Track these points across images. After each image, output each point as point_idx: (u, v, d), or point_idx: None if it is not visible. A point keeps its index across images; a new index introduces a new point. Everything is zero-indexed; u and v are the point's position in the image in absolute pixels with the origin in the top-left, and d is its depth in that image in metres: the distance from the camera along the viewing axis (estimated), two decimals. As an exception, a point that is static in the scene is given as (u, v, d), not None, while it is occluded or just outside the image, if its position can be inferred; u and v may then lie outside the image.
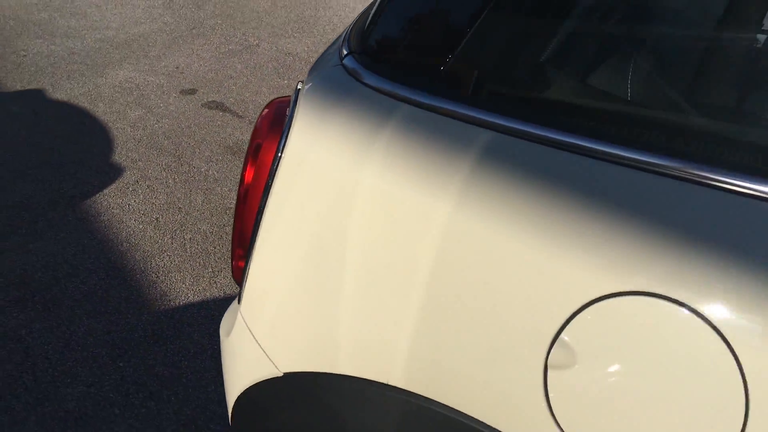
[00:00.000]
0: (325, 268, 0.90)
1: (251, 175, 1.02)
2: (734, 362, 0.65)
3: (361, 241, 0.86)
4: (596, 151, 0.74)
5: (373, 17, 0.98)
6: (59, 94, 3.64)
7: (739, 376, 0.64)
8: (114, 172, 2.98)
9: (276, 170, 0.96)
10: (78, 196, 2.81)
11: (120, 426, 1.84)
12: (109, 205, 2.77)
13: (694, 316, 0.66)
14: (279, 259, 0.96)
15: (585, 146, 0.74)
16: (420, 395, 0.84)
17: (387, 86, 0.88)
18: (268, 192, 0.97)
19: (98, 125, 3.36)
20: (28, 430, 1.83)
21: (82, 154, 3.10)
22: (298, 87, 1.01)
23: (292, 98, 1.02)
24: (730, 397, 0.65)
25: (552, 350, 0.73)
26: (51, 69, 3.92)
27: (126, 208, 2.76)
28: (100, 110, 3.49)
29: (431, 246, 0.80)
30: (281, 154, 0.96)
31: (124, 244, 2.56)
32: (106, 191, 2.85)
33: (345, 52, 0.97)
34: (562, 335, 0.73)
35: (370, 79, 0.89)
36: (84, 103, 3.56)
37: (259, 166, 1.00)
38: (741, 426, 0.65)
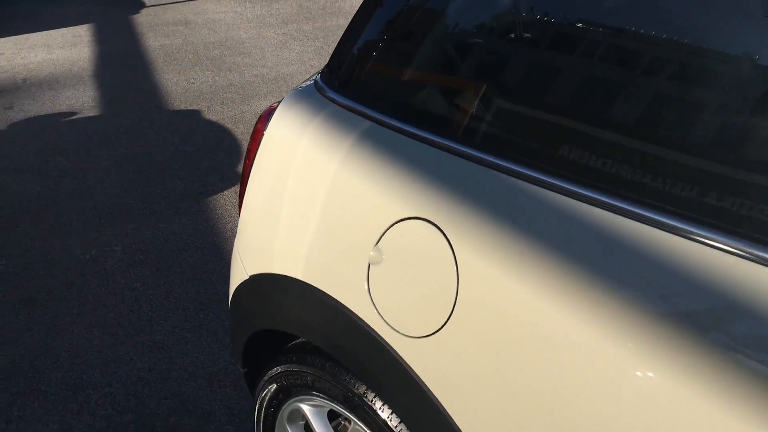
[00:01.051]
0: (270, 208, 1.37)
1: (249, 156, 1.51)
2: (453, 258, 1.03)
3: (291, 191, 1.32)
4: (409, 133, 1.15)
5: (337, 44, 1.45)
6: (211, 115, 4.41)
7: (455, 267, 1.02)
8: (235, 179, 3.63)
9: (257, 150, 1.45)
10: (203, 193, 3.47)
11: (189, 355, 2.38)
12: (225, 203, 3.40)
13: (438, 231, 1.05)
14: (252, 203, 1.44)
15: (407, 130, 1.16)
16: (308, 283, 1.27)
17: (330, 94, 1.34)
18: (252, 163, 1.46)
19: (234, 142, 4.06)
20: (124, 350, 2.42)
21: (216, 163, 3.79)
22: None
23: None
24: (448, 280, 1.03)
25: (372, 252, 1.14)
26: (210, 95, 4.74)
27: (236, 206, 3.37)
28: (239, 131, 4.20)
29: (322, 193, 1.24)
30: (262, 139, 1.44)
31: (228, 232, 3.16)
32: (225, 192, 3.49)
33: (320, 70, 1.45)
34: (379, 243, 1.14)
35: (324, 89, 1.36)
36: (228, 124, 4.30)
37: (250, 150, 1.49)
38: (453, 299, 1.03)
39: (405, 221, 1.11)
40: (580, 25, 1.04)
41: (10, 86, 5.14)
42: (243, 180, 1.53)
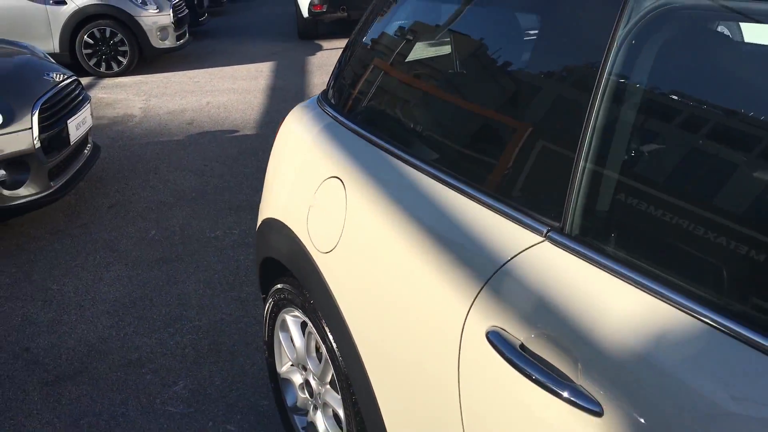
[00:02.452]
0: (274, 175, 2.01)
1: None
2: (345, 199, 1.60)
3: (283, 163, 1.95)
4: (342, 122, 1.74)
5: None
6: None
7: (345, 205, 1.59)
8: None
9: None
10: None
11: (260, 309, 3.06)
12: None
13: (341, 183, 1.63)
14: (268, 173, 2.09)
15: (342, 121, 1.75)
16: (281, 221, 1.89)
17: (326, 108, 1.97)
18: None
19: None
20: (217, 301, 3.15)
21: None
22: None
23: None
24: (340, 213, 1.60)
25: (312, 199, 1.74)
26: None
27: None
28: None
29: (297, 163, 1.87)
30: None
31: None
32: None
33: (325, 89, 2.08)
34: (315, 193, 1.73)
35: (324, 105, 1.99)
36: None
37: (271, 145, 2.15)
38: (341, 227, 1.59)
39: (328, 179, 1.70)
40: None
41: (195, 107, 6.30)
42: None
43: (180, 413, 2.40)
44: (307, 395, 2.04)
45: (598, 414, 0.93)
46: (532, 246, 1.13)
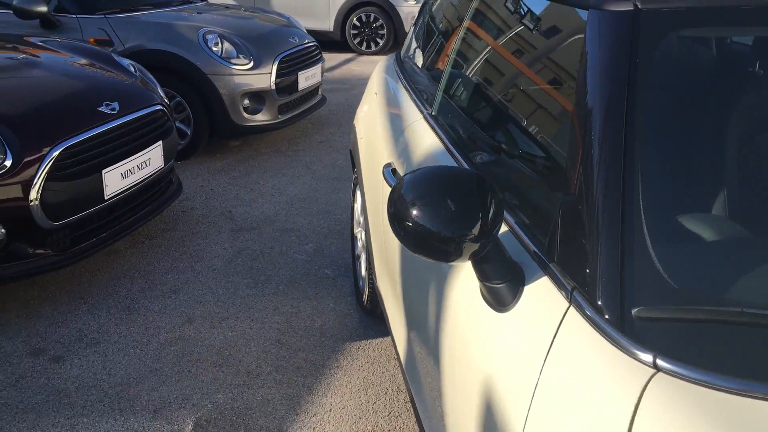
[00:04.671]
0: (362, 114, 3.06)
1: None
2: (377, 102, 2.60)
3: (370, 103, 3.00)
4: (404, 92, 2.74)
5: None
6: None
7: (377, 106, 2.60)
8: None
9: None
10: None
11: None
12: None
13: (376, 95, 2.63)
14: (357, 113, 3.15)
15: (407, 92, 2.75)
16: (354, 124, 2.94)
17: (395, 57, 2.97)
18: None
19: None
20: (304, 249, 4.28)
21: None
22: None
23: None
24: (373, 111, 2.61)
25: (365, 107, 2.77)
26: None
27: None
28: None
29: (367, 90, 2.90)
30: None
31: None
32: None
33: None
34: (366, 104, 2.76)
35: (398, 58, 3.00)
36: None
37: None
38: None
39: (373, 94, 2.71)
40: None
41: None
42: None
43: (302, 259, 3.56)
44: (360, 246, 3.07)
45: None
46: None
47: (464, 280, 1.40)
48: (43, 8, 4.88)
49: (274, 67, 5.01)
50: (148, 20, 5.12)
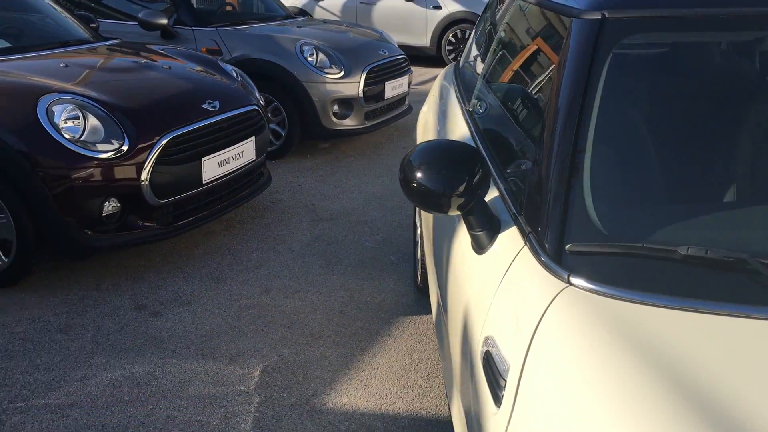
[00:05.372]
0: (423, 117, 3.42)
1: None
2: (434, 102, 2.97)
3: (431, 108, 3.36)
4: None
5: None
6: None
7: (431, 109, 2.96)
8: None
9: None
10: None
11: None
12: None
13: (434, 96, 2.99)
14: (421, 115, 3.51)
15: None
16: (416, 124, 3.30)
17: (453, 66, 3.33)
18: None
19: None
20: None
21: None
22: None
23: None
24: (430, 115, 2.98)
25: (425, 110, 3.14)
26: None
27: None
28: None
29: (436, 108, 3.27)
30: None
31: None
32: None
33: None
34: (426, 106, 3.12)
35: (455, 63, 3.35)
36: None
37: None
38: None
39: (431, 94, 3.07)
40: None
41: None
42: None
43: (371, 247, 3.95)
44: (418, 233, 3.42)
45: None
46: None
47: (466, 243, 1.74)
48: (164, 21, 5.54)
49: (363, 77, 5.46)
50: (253, 33, 5.70)
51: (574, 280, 1.25)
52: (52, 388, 2.65)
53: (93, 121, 3.30)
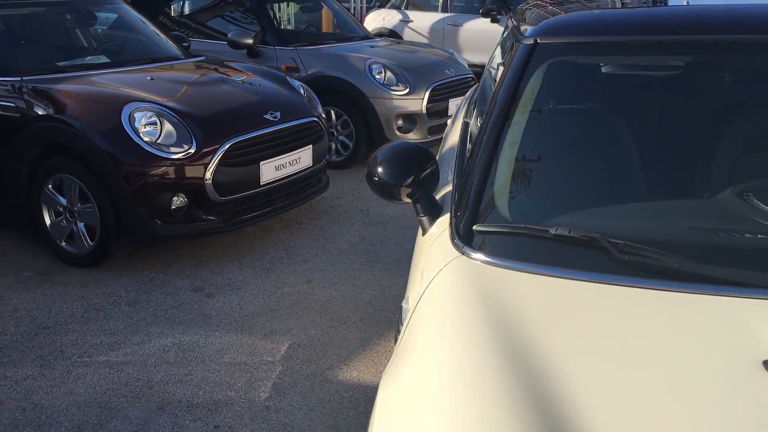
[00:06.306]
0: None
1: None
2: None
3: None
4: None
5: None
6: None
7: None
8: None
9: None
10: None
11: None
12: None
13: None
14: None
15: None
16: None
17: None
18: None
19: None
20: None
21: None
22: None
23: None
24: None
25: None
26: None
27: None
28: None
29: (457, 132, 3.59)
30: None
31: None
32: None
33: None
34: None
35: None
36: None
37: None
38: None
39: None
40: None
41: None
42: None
43: (411, 248, 4.28)
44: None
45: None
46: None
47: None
48: (250, 41, 6.12)
49: (427, 94, 5.82)
50: (328, 52, 6.19)
51: (466, 251, 1.56)
52: (114, 348, 3.14)
53: (168, 126, 3.83)
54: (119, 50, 5.00)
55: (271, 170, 4.14)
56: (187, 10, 7.29)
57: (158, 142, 3.79)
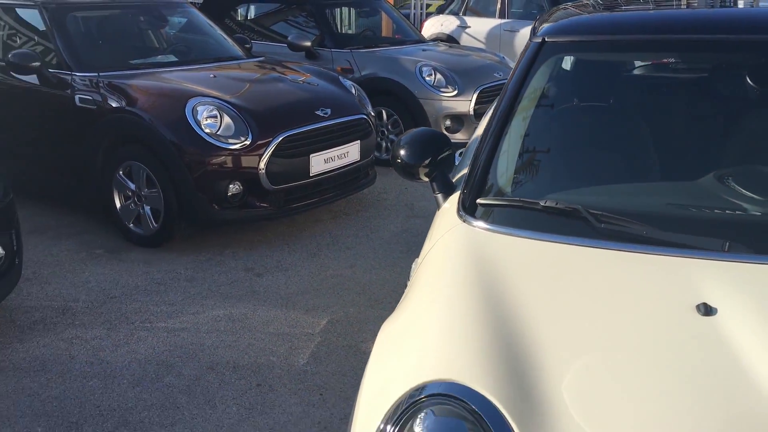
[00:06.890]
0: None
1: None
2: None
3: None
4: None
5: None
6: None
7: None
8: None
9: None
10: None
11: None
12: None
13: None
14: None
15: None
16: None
17: None
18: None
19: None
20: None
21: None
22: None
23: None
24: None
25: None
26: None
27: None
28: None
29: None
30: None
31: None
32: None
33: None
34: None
35: None
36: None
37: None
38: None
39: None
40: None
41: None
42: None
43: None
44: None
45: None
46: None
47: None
48: (308, 43, 6.47)
49: (475, 96, 6.05)
50: (381, 55, 6.49)
51: (468, 219, 1.80)
52: (172, 317, 3.49)
53: (227, 119, 4.18)
54: (187, 50, 5.40)
55: (320, 163, 4.44)
56: (252, 15, 7.70)
57: (218, 133, 4.13)
